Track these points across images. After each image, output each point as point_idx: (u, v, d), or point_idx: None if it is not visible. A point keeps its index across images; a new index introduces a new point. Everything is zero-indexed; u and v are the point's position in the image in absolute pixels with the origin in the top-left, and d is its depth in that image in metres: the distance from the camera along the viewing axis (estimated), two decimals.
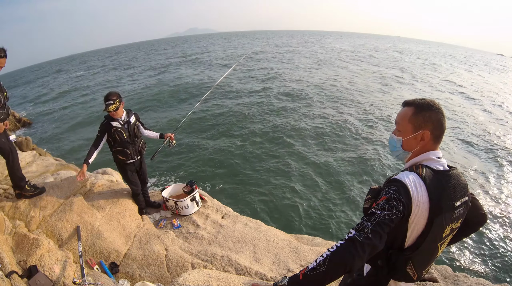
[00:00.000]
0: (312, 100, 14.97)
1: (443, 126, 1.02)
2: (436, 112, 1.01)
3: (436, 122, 1.01)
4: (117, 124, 2.93)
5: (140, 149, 3.20)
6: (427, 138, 1.02)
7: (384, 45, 67.68)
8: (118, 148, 3.02)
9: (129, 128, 3.01)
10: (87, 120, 14.80)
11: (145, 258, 2.66)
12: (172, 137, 3.36)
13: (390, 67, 27.92)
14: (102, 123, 2.94)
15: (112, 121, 2.92)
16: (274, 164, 8.49)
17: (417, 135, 1.03)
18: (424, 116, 1.02)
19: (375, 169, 8.31)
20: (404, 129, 1.07)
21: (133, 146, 3.09)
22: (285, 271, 2.56)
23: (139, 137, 3.18)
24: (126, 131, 2.99)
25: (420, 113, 1.02)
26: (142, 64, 36.84)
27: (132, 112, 3.14)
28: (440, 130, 1.02)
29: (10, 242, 2.49)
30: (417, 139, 1.04)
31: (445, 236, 1.01)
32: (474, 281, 2.36)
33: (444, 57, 48.58)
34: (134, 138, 3.08)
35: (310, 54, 38.11)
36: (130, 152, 3.07)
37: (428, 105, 1.02)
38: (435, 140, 1.03)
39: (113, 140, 2.98)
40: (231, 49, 48.11)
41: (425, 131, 1.02)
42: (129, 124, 3.02)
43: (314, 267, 0.86)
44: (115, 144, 3.00)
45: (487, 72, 32.55)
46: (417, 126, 1.03)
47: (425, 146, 1.04)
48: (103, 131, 2.92)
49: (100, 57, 70.68)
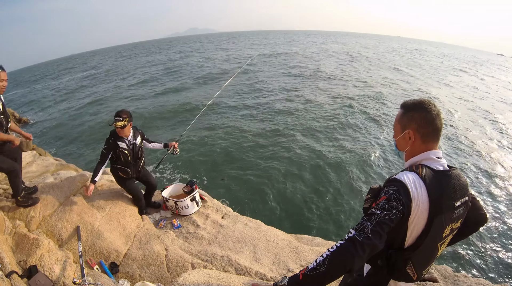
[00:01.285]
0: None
1: (430, 125, 1.02)
2: (421, 111, 1.02)
3: (420, 121, 1.02)
4: (123, 145, 2.97)
5: (140, 169, 3.26)
6: (413, 137, 1.04)
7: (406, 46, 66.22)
8: (120, 166, 3.07)
9: (134, 150, 3.07)
10: (87, 120, 14.81)
11: (145, 258, 2.66)
12: (176, 145, 3.52)
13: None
14: (108, 140, 2.95)
15: (119, 140, 2.94)
16: (274, 164, 8.49)
17: (404, 135, 1.07)
18: (408, 116, 1.06)
19: (375, 169, 8.31)
20: (395, 130, 1.12)
21: (135, 166, 3.16)
22: (285, 271, 2.56)
23: (141, 158, 3.25)
24: (131, 153, 3.04)
25: (405, 114, 1.07)
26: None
27: (138, 131, 3.18)
28: (426, 129, 1.02)
29: (10, 242, 2.49)
30: (406, 138, 1.07)
31: (445, 236, 1.01)
32: (474, 281, 2.36)
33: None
34: (137, 159, 3.16)
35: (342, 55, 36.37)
36: (131, 171, 3.14)
37: (414, 105, 1.05)
38: (424, 139, 1.03)
39: (116, 158, 3.02)
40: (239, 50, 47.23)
41: (409, 130, 1.05)
42: (135, 146, 3.08)
43: (314, 267, 0.86)
44: (118, 161, 3.05)
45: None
46: (403, 126, 1.08)
47: (414, 145, 1.05)
48: (109, 149, 2.94)
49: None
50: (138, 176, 3.30)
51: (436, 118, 1.02)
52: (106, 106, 16.95)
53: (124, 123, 2.85)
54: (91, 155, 9.88)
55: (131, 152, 3.03)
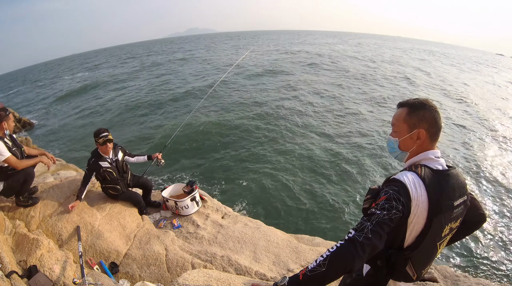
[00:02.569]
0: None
1: (438, 124, 1.03)
2: (430, 110, 1.03)
3: (431, 120, 1.02)
4: (105, 164, 2.97)
5: (129, 182, 3.28)
6: (423, 137, 1.03)
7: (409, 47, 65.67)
8: (109, 185, 3.10)
9: (117, 166, 3.08)
10: (87, 120, 14.82)
11: (145, 258, 2.66)
12: (160, 156, 3.46)
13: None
14: (89, 162, 2.96)
15: (100, 160, 2.95)
16: (274, 165, 8.49)
17: (413, 135, 1.05)
18: (418, 115, 1.04)
19: (376, 170, 8.31)
20: (400, 129, 1.09)
21: (123, 180, 3.18)
22: (285, 271, 2.56)
23: (127, 172, 3.25)
24: (115, 169, 3.05)
25: (414, 113, 1.05)
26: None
27: (118, 146, 3.18)
28: (435, 128, 1.03)
29: (10, 242, 2.49)
30: (413, 138, 1.05)
31: (444, 235, 1.01)
32: (474, 281, 2.36)
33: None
34: (123, 174, 3.17)
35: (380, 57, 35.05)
36: (121, 187, 3.16)
37: (421, 104, 1.04)
38: (432, 138, 1.04)
39: (102, 178, 3.04)
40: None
41: (420, 130, 1.03)
42: (118, 162, 3.09)
43: (314, 267, 0.86)
44: (105, 181, 3.07)
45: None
46: (411, 125, 1.05)
47: (422, 145, 1.05)
48: (91, 170, 2.95)
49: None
50: (129, 187, 3.34)
51: (440, 118, 1.03)
52: (106, 106, 16.96)
53: (111, 137, 2.91)
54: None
55: (115, 169, 3.06)
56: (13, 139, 2.80)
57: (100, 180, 3.09)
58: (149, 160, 3.45)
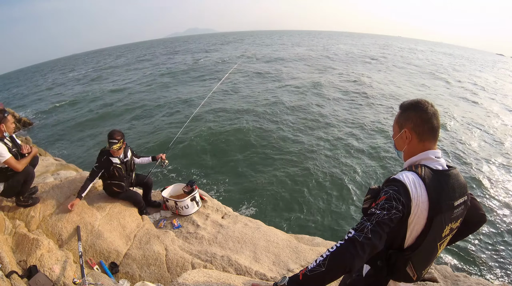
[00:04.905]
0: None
1: (426, 123, 1.03)
2: (416, 110, 1.04)
3: (416, 120, 1.04)
4: (116, 161, 3.06)
5: (132, 181, 3.36)
6: (410, 136, 1.06)
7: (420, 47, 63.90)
8: (114, 182, 3.15)
9: (126, 164, 3.18)
10: (87, 120, 14.81)
11: (145, 258, 2.65)
12: (164, 157, 3.54)
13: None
14: (100, 159, 3.01)
15: (112, 157, 3.03)
16: (274, 165, 8.49)
17: (402, 134, 1.08)
18: (404, 116, 1.07)
19: (377, 170, 8.31)
20: (394, 130, 1.14)
21: (128, 179, 3.26)
22: (285, 271, 2.56)
23: (133, 171, 3.35)
24: (124, 167, 3.14)
25: (402, 114, 1.09)
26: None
27: (128, 146, 3.27)
28: (421, 128, 1.03)
29: (10, 242, 2.49)
30: (403, 138, 1.08)
31: (445, 235, 1.01)
32: (474, 281, 2.36)
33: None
34: (130, 172, 3.27)
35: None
36: (125, 184, 3.23)
37: (411, 105, 1.07)
38: (420, 138, 1.04)
39: (111, 175, 3.09)
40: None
41: (405, 130, 1.06)
42: (127, 161, 3.19)
43: (314, 267, 0.86)
44: (112, 178, 3.12)
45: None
46: (400, 126, 1.09)
47: (413, 145, 1.06)
48: (101, 167, 3.01)
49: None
50: (131, 187, 3.40)
51: (432, 118, 1.02)
52: (107, 106, 16.95)
53: (120, 145, 2.97)
54: (91, 155, 9.88)
55: (124, 166, 3.15)
56: (13, 140, 2.81)
57: (106, 176, 3.11)
58: (153, 161, 3.54)
